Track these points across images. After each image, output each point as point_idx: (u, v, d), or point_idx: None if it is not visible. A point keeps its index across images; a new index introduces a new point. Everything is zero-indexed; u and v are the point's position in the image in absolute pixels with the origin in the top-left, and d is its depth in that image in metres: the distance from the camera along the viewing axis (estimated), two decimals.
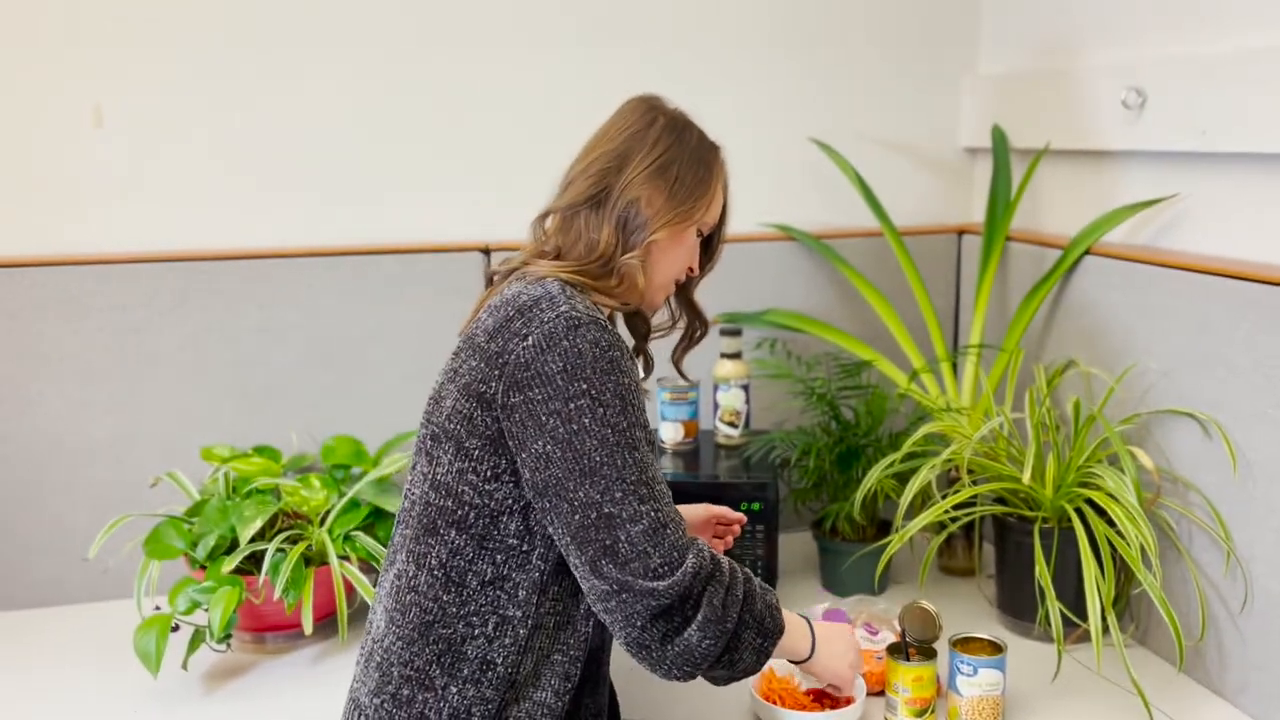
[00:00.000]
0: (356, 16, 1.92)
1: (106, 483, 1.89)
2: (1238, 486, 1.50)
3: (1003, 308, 2.02)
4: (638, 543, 1.17)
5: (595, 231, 1.31)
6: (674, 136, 1.35)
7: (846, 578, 1.84)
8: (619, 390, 1.19)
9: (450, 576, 1.24)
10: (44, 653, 1.73)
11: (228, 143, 1.90)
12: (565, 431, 1.18)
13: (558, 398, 1.18)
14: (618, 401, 1.19)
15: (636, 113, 1.37)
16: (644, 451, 1.20)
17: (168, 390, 1.90)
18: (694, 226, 1.36)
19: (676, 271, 1.39)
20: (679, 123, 1.37)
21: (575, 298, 1.24)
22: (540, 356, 1.19)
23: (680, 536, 1.19)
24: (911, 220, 2.16)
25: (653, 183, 1.32)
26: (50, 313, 1.84)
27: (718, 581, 1.20)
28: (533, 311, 1.22)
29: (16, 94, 1.82)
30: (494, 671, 1.23)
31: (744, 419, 1.94)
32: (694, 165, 1.35)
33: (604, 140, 1.35)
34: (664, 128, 1.35)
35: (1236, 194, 1.58)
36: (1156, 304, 1.63)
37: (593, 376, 1.18)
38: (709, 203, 1.37)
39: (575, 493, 1.18)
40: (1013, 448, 1.74)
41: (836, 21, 2.10)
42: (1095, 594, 1.49)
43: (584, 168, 1.33)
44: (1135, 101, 1.70)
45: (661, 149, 1.33)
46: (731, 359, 1.94)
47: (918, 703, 1.45)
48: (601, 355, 1.19)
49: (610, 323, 1.28)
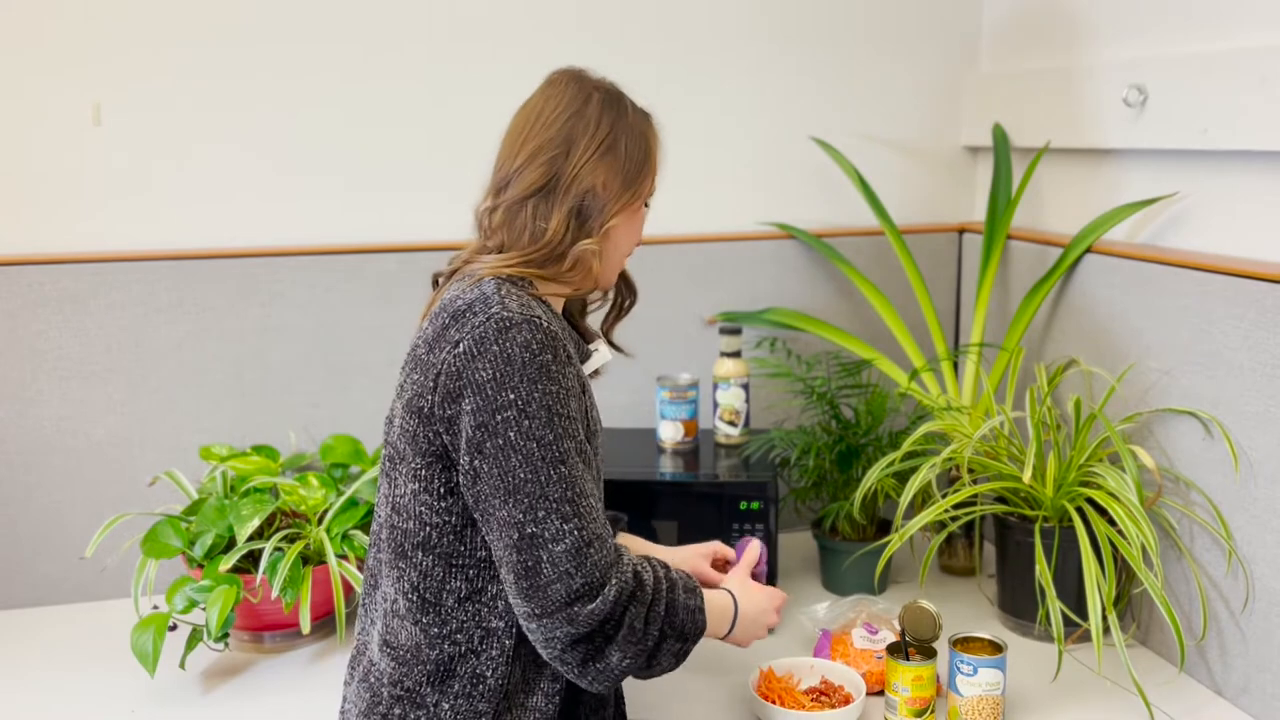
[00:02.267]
0: (357, 16, 1.91)
1: (104, 481, 1.88)
2: (1239, 486, 1.49)
3: (1003, 306, 2.01)
4: (560, 563, 1.14)
5: (544, 220, 1.26)
6: (614, 112, 1.31)
7: (846, 577, 1.84)
8: (546, 400, 1.16)
9: (426, 599, 1.22)
10: (41, 652, 1.73)
11: (227, 142, 1.90)
12: (491, 446, 1.15)
13: (486, 409, 1.15)
14: (543, 413, 1.15)
15: (569, 90, 1.31)
16: (572, 463, 1.17)
17: (166, 389, 1.90)
18: (643, 200, 1.34)
19: (629, 249, 1.37)
20: (614, 96, 1.33)
21: (511, 296, 1.21)
22: (470, 364, 1.16)
23: (604, 555, 1.16)
24: (912, 218, 2.16)
25: (605, 165, 1.28)
26: (49, 311, 1.84)
27: (639, 601, 1.18)
28: (466, 316, 1.19)
29: (16, 93, 1.82)
30: (485, 684, 1.22)
31: (744, 418, 1.93)
32: (638, 139, 1.31)
33: (540, 124, 1.29)
34: (602, 104, 1.30)
35: (1238, 192, 1.58)
36: (1157, 302, 1.63)
37: (520, 385, 1.15)
38: (653, 174, 1.34)
39: (500, 511, 1.16)
40: (1013, 447, 1.73)
41: (837, 20, 2.09)
42: (1096, 593, 1.48)
43: (528, 156, 1.27)
44: (1136, 100, 1.70)
45: (606, 128, 1.29)
46: (731, 358, 1.93)
47: (917, 702, 1.44)
48: (531, 360, 1.16)
49: (553, 315, 1.26)
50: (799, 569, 1.95)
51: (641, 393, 2.01)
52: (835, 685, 1.52)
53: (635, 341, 2.07)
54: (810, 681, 1.53)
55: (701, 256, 2.07)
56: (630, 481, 1.77)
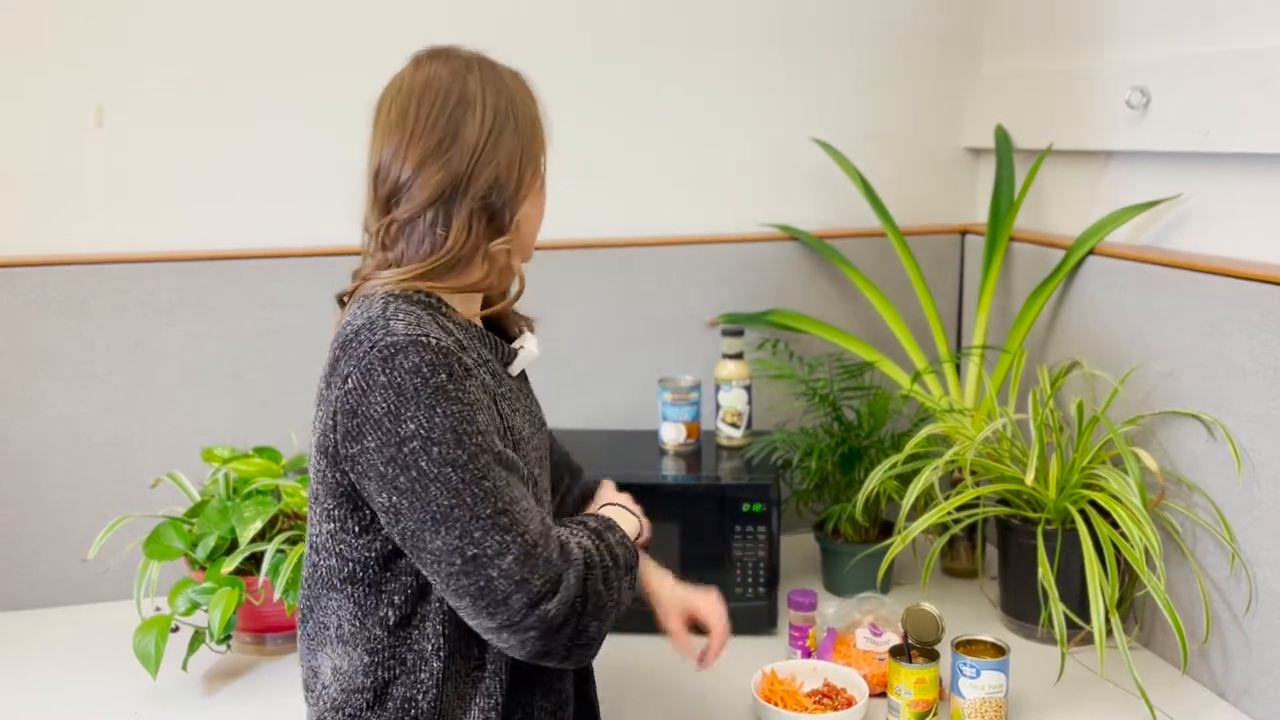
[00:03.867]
0: (357, 17, 1.91)
1: (106, 483, 1.88)
2: (1242, 488, 1.49)
3: (1006, 308, 2.01)
4: (513, 574, 1.10)
5: (443, 229, 1.19)
6: (493, 89, 1.21)
7: (849, 579, 1.84)
8: (449, 421, 1.10)
9: (360, 628, 1.20)
10: (44, 653, 1.73)
11: (228, 143, 1.90)
12: (406, 480, 1.10)
13: (390, 444, 1.10)
14: (450, 436, 1.10)
15: (440, 76, 1.21)
16: (494, 475, 1.12)
17: (168, 391, 1.90)
18: (537, 166, 1.26)
19: (539, 225, 1.30)
20: (487, 68, 1.24)
21: (399, 316, 1.14)
22: (363, 400, 1.11)
23: (553, 550, 1.13)
24: (914, 220, 2.16)
25: (501, 154, 1.20)
26: (51, 313, 1.84)
27: (593, 568, 1.17)
28: (352, 346, 1.14)
29: (18, 95, 1.82)
30: (417, 707, 1.19)
31: (746, 420, 1.93)
32: (524, 112, 1.23)
33: (420, 123, 1.19)
34: (481, 84, 1.21)
35: (1240, 194, 1.58)
36: (1160, 304, 1.63)
37: (418, 413, 1.09)
38: (544, 134, 1.27)
39: (433, 542, 1.11)
40: (1016, 449, 1.73)
41: (839, 21, 2.09)
42: (1099, 596, 1.48)
43: (415, 166, 1.18)
44: (1139, 102, 1.69)
45: (491, 112, 1.20)
46: (733, 360, 1.93)
47: (920, 705, 1.44)
48: (424, 384, 1.10)
49: (456, 325, 1.19)
50: (801, 571, 1.95)
51: (643, 395, 2.01)
52: (838, 688, 1.52)
53: (637, 343, 2.08)
54: (813, 684, 1.53)
55: (703, 258, 2.07)
56: (632, 484, 1.76)
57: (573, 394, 2.03)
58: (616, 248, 2.04)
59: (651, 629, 1.74)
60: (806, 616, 1.64)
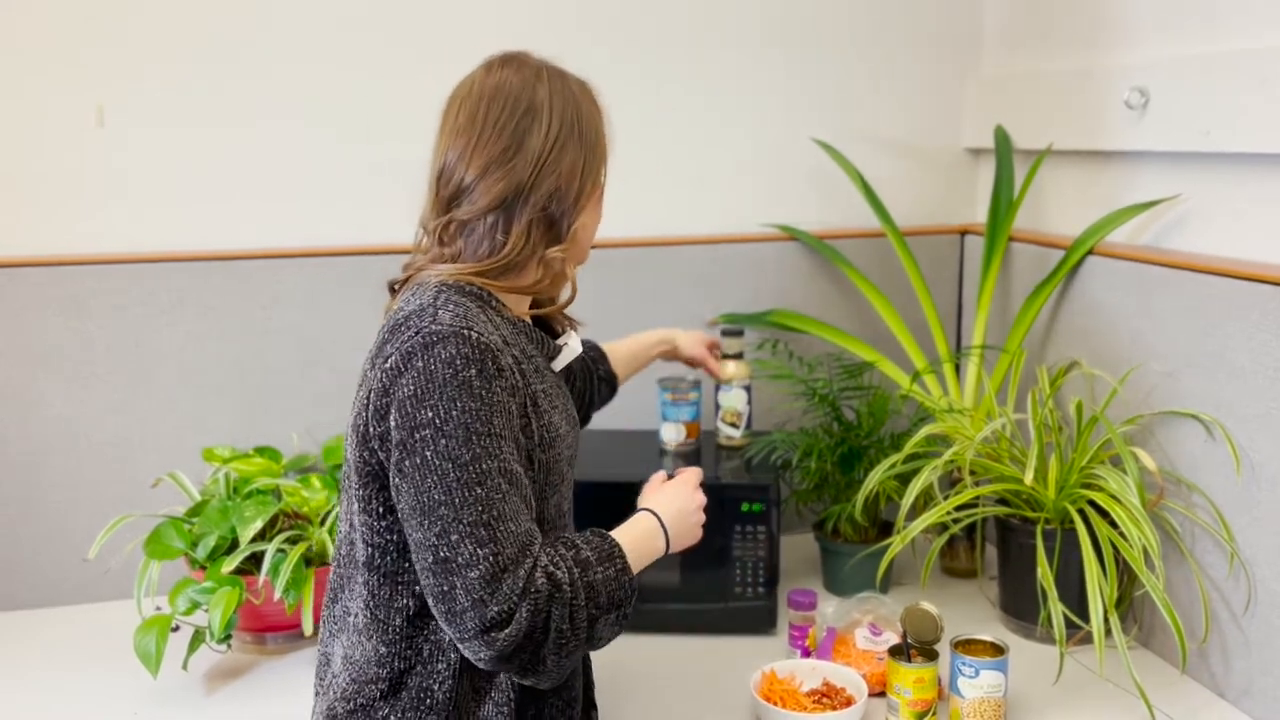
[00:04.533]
0: (357, 18, 1.92)
1: (106, 483, 1.89)
2: (1241, 488, 1.49)
3: (1005, 308, 2.01)
4: (474, 590, 1.09)
5: (503, 234, 1.21)
6: (562, 99, 1.23)
7: (848, 579, 1.84)
8: (465, 418, 1.11)
9: (376, 616, 1.21)
10: (44, 653, 1.73)
11: (229, 143, 1.90)
12: (410, 465, 1.12)
13: (405, 426, 1.12)
14: (461, 431, 1.11)
15: (511, 83, 1.23)
16: (491, 485, 1.12)
17: (168, 391, 1.90)
18: (599, 176, 1.28)
19: (595, 232, 1.33)
20: (556, 78, 1.25)
21: (449, 306, 1.16)
22: (396, 380, 1.13)
23: (516, 581, 1.10)
24: (914, 220, 2.16)
25: (564, 164, 1.22)
26: (51, 313, 1.84)
27: (560, 603, 1.12)
28: (400, 330, 1.16)
29: (19, 95, 1.82)
30: (432, 698, 1.20)
31: (745, 420, 1.93)
32: (589, 123, 1.25)
33: (488, 128, 1.21)
34: (550, 93, 1.23)
35: (1240, 194, 1.58)
36: (1159, 305, 1.63)
37: (439, 402, 1.11)
38: (608, 153, 1.29)
39: (415, 533, 1.13)
40: (1015, 449, 1.73)
41: (839, 21, 2.09)
42: (1098, 595, 1.48)
43: (480, 170, 1.21)
44: (1138, 102, 1.70)
45: (558, 123, 1.22)
46: (733, 359, 1.93)
47: (919, 704, 1.44)
48: (453, 376, 1.12)
49: (505, 321, 1.22)
50: (801, 571, 1.95)
51: (643, 395, 2.01)
52: (837, 687, 1.52)
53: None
54: (812, 683, 1.53)
55: (703, 258, 2.08)
56: (632, 484, 1.76)
57: None
58: (617, 248, 2.04)
59: (651, 629, 1.74)
60: (806, 616, 1.64)
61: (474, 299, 1.21)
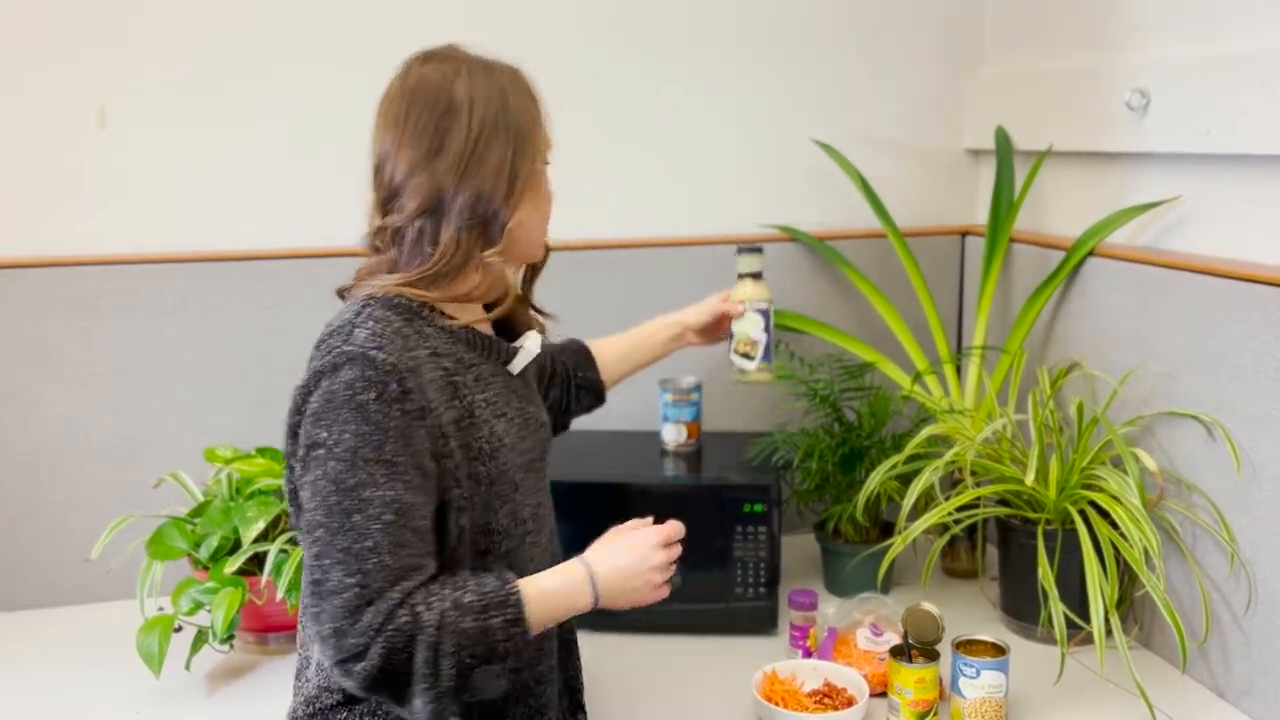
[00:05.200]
0: (359, 18, 1.92)
1: (109, 484, 1.89)
2: (1241, 488, 1.49)
3: (1006, 309, 2.02)
4: (336, 618, 1.09)
5: (431, 243, 1.19)
6: (483, 94, 1.20)
7: (849, 580, 1.84)
8: (354, 442, 1.11)
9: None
10: (47, 653, 1.73)
11: (231, 144, 1.90)
12: (304, 483, 1.14)
13: (304, 444, 1.14)
14: (349, 456, 1.11)
15: (429, 81, 1.20)
16: (369, 514, 1.10)
17: (171, 391, 1.90)
18: (540, 166, 1.26)
19: (545, 219, 1.29)
20: (477, 70, 1.22)
21: (368, 324, 1.16)
22: (306, 399, 1.15)
23: (377, 616, 1.09)
24: (914, 221, 2.16)
25: (490, 161, 1.19)
26: (54, 313, 1.84)
27: (422, 645, 1.09)
28: (320, 347, 1.18)
29: (21, 96, 1.82)
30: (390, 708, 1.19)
31: (763, 350, 1.68)
32: (516, 113, 1.21)
33: (410, 131, 1.19)
34: (469, 90, 1.20)
35: (1240, 195, 1.58)
36: (1160, 305, 1.63)
37: (334, 424, 1.12)
38: (542, 137, 1.25)
39: (302, 548, 1.15)
40: (1016, 449, 1.73)
41: (839, 22, 2.10)
42: (1098, 596, 1.48)
43: (405, 173, 1.19)
44: (1139, 103, 1.70)
45: (479, 120, 1.19)
46: (752, 279, 1.71)
47: (920, 705, 1.44)
48: (350, 400, 1.12)
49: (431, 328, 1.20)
50: (802, 571, 1.95)
51: (644, 396, 2.01)
52: (838, 687, 1.52)
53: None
54: (813, 684, 1.54)
55: (704, 259, 2.08)
56: (633, 485, 1.77)
57: None
58: (617, 249, 2.05)
59: (652, 629, 1.75)
60: (807, 616, 1.64)
61: (402, 312, 1.20)
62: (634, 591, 1.23)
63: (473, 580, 1.16)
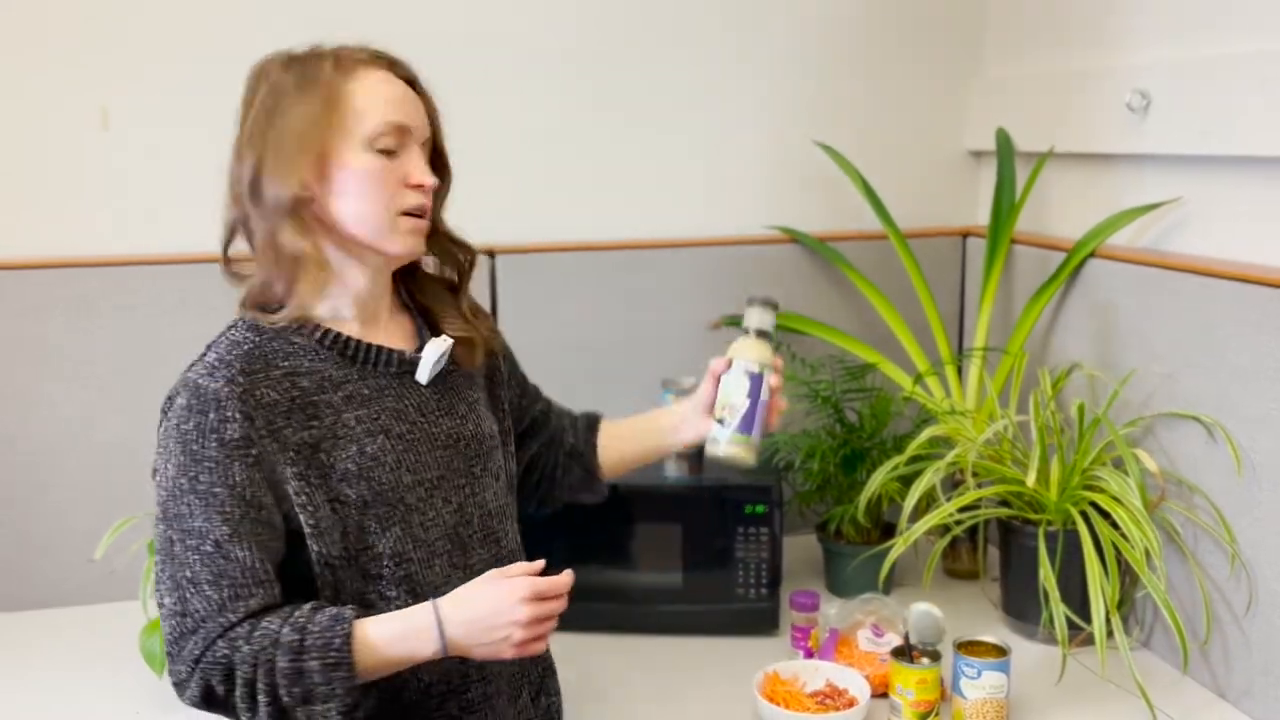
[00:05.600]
0: (360, 18, 1.92)
1: (113, 484, 1.89)
2: (1242, 489, 1.50)
3: (1007, 310, 2.02)
4: (168, 643, 1.14)
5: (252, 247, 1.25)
6: (270, 79, 1.22)
7: (851, 580, 1.84)
8: (175, 472, 1.14)
9: None
10: (49, 653, 1.74)
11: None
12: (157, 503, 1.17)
13: (155, 470, 1.18)
14: (171, 485, 1.14)
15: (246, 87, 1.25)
16: (189, 544, 1.12)
17: None
18: (347, 147, 1.19)
19: (380, 205, 1.20)
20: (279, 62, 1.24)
21: (223, 344, 1.21)
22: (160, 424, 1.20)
23: (195, 647, 1.11)
24: (916, 223, 2.16)
25: (265, 144, 1.20)
26: (57, 314, 1.85)
27: (239, 681, 1.10)
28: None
29: (24, 97, 1.82)
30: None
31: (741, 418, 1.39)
32: (296, 87, 1.20)
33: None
34: (258, 79, 1.23)
35: (1241, 197, 1.58)
36: (1161, 307, 1.63)
37: (164, 453, 1.16)
38: (335, 113, 1.19)
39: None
40: (1017, 451, 1.74)
41: (841, 24, 2.10)
42: (1099, 596, 1.49)
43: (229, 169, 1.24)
44: (1140, 105, 1.70)
45: (258, 105, 1.21)
46: (754, 335, 1.42)
47: (922, 705, 1.44)
48: (176, 429, 1.15)
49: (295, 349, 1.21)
50: (803, 572, 1.96)
51: (646, 397, 2.01)
52: (840, 688, 1.52)
53: (640, 346, 2.08)
54: (815, 684, 1.54)
55: (705, 260, 2.08)
56: (633, 485, 1.77)
57: (576, 396, 2.03)
58: (619, 250, 2.05)
59: (653, 630, 1.75)
60: (809, 617, 1.65)
61: (265, 331, 1.22)
62: (490, 645, 1.13)
63: (306, 616, 1.12)
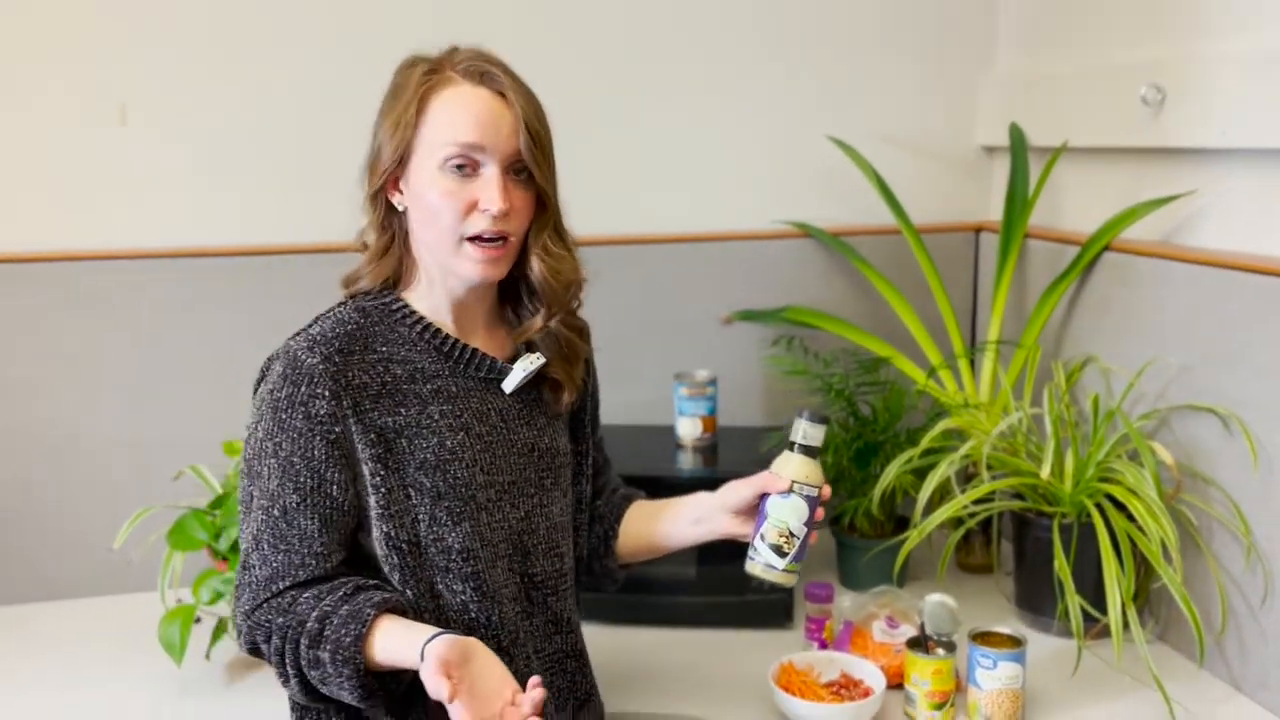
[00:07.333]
0: (369, 17, 1.93)
1: (129, 478, 1.90)
2: (1258, 481, 1.50)
3: (1021, 304, 2.02)
4: (237, 581, 1.21)
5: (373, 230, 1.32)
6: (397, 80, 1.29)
7: (865, 573, 1.85)
8: (261, 435, 1.19)
9: None
10: (70, 643, 1.75)
11: (246, 139, 1.91)
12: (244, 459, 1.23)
13: (248, 427, 1.23)
14: (257, 446, 1.19)
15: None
16: (262, 505, 1.18)
17: (189, 385, 1.92)
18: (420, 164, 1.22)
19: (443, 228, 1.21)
20: (403, 62, 1.30)
21: (330, 319, 1.26)
22: (257, 386, 1.25)
23: (245, 604, 1.19)
24: (929, 218, 2.17)
25: (375, 131, 1.29)
26: (71, 309, 1.86)
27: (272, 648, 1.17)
28: None
29: (37, 92, 1.83)
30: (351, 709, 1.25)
31: (799, 547, 1.27)
32: (393, 94, 1.27)
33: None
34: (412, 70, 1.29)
35: (1255, 190, 1.58)
36: (1175, 299, 1.63)
37: (255, 416, 1.21)
38: (408, 124, 1.22)
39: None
40: (1031, 444, 1.74)
41: (854, 20, 2.10)
42: (1115, 589, 1.49)
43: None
44: (1154, 98, 1.70)
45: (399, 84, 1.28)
46: (808, 455, 1.30)
47: (937, 695, 1.45)
48: (269, 394, 1.19)
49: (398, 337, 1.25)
50: (817, 565, 1.96)
51: (660, 390, 2.02)
52: (855, 679, 1.53)
53: (653, 339, 2.09)
54: (830, 675, 1.54)
55: (718, 255, 2.09)
56: (649, 478, 1.77)
57: None
58: (633, 245, 2.05)
59: (667, 622, 1.76)
60: (823, 609, 1.65)
61: (371, 313, 1.27)
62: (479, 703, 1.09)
63: (335, 604, 1.15)
